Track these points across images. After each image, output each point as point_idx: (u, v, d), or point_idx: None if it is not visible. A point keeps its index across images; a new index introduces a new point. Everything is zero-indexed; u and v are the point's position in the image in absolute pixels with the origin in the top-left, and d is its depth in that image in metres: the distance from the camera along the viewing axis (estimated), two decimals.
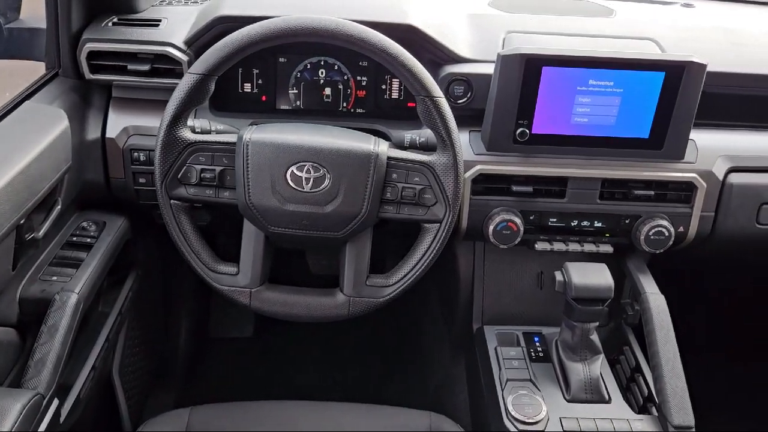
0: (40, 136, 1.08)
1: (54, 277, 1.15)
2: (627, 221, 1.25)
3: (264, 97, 1.32)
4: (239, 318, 2.04)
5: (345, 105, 1.32)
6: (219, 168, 1.07)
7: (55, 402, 1.04)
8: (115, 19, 1.28)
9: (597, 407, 1.16)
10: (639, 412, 1.19)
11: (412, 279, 1.11)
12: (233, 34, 1.02)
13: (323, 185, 1.05)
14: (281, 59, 1.30)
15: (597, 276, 1.16)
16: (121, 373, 1.45)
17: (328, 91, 1.31)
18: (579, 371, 1.19)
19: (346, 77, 1.31)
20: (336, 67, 1.30)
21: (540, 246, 1.28)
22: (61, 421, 1.06)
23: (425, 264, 1.10)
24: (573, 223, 1.26)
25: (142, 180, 1.26)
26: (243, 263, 1.11)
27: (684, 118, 1.18)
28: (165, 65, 1.22)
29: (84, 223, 1.29)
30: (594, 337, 1.20)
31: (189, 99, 1.03)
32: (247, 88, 1.31)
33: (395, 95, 1.32)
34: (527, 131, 1.19)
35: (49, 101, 1.19)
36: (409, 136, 1.21)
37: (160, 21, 1.28)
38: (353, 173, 1.04)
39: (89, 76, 1.24)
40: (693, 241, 1.28)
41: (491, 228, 1.22)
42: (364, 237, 1.10)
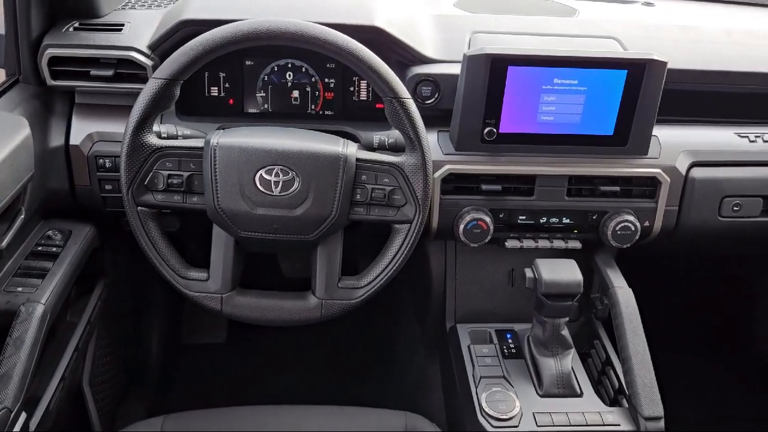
0: (0, 144, 1.06)
1: (19, 288, 1.13)
2: (594, 217, 1.27)
3: (231, 101, 1.31)
4: (212, 324, 2.02)
5: (313, 107, 1.32)
6: (186, 173, 1.06)
7: (23, 415, 1.02)
8: (77, 24, 1.26)
9: (569, 401, 1.18)
10: (610, 404, 1.21)
11: (384, 280, 1.11)
12: (198, 37, 1.01)
13: (293, 188, 1.04)
14: (248, 62, 1.29)
15: (566, 272, 1.18)
16: (92, 383, 1.42)
17: (296, 94, 1.31)
18: (551, 366, 1.21)
19: (313, 79, 1.30)
20: (303, 70, 1.30)
21: (510, 244, 1.29)
22: None
23: (397, 264, 1.11)
24: (542, 220, 1.28)
25: (108, 187, 1.24)
26: (213, 269, 1.10)
27: (647, 114, 1.20)
28: (129, 70, 1.21)
29: (49, 232, 1.26)
30: (565, 332, 1.22)
31: (154, 104, 1.01)
32: (214, 91, 1.30)
33: (363, 97, 1.32)
34: (495, 130, 1.21)
35: (10, 109, 1.17)
36: (378, 137, 1.21)
37: (123, 25, 1.26)
38: (322, 176, 1.04)
39: (51, 82, 1.22)
40: (658, 235, 1.30)
41: (462, 227, 1.23)
42: (335, 239, 1.10)
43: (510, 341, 1.32)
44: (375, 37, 1.21)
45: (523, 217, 1.27)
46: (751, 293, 1.95)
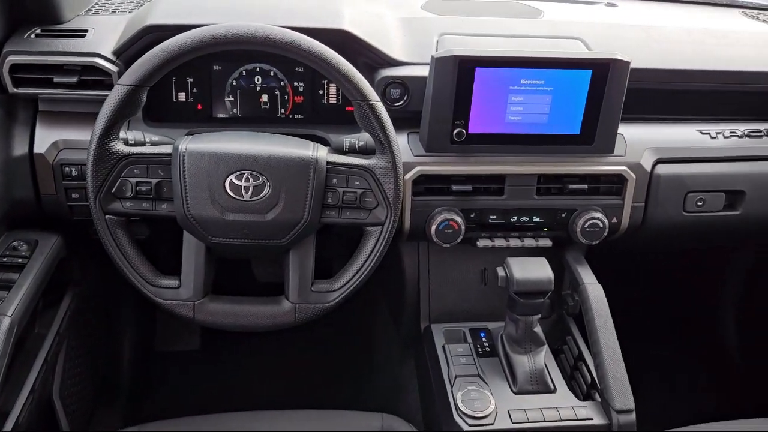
0: None
1: None
2: (563, 215, 1.29)
3: (200, 106, 1.30)
4: (185, 331, 2.00)
5: (283, 111, 1.32)
6: (155, 180, 1.05)
7: None
8: (39, 31, 1.23)
9: (543, 397, 1.19)
10: (584, 398, 1.23)
11: (357, 282, 1.11)
12: (164, 43, 1.00)
13: (263, 193, 1.04)
14: (215, 67, 1.28)
15: (537, 270, 1.19)
16: (62, 396, 1.40)
17: (265, 98, 1.30)
18: (524, 363, 1.22)
19: (282, 83, 1.30)
20: (272, 74, 1.29)
21: (482, 243, 1.31)
22: None
23: (370, 267, 1.11)
24: (512, 219, 1.29)
25: (74, 195, 1.22)
26: (185, 276, 1.09)
27: (612, 113, 1.23)
28: (93, 77, 1.19)
29: (14, 243, 1.23)
30: (537, 330, 1.23)
31: (120, 111, 1.00)
32: (182, 97, 1.29)
33: (333, 100, 1.32)
34: (464, 131, 1.22)
35: None
36: (348, 140, 1.22)
37: (86, 31, 1.24)
38: (293, 180, 1.04)
39: (12, 90, 1.19)
40: (626, 231, 1.33)
41: (433, 228, 1.24)
42: (307, 243, 1.10)
43: (484, 340, 1.34)
44: (343, 41, 1.21)
45: (494, 217, 1.28)
46: (717, 285, 2.00)
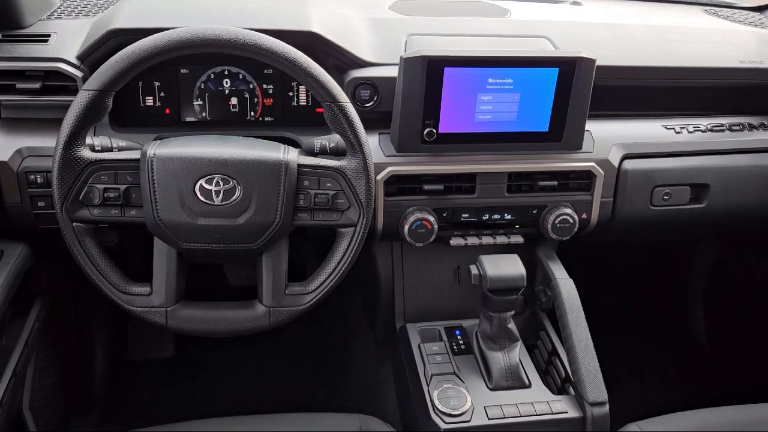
0: None
1: None
2: (534, 212, 1.31)
3: (168, 110, 1.28)
4: (159, 338, 1.97)
5: (253, 114, 1.31)
6: (123, 186, 1.03)
7: None
8: (0, 36, 1.21)
9: (518, 393, 1.21)
10: (558, 392, 1.25)
11: (331, 284, 1.11)
12: (129, 47, 0.99)
13: (234, 197, 1.03)
14: (183, 70, 1.27)
15: (509, 266, 1.21)
16: (33, 408, 1.37)
17: (234, 101, 1.30)
18: (499, 360, 1.24)
19: (251, 86, 1.29)
20: (241, 76, 1.29)
21: (455, 241, 1.32)
22: None
23: (343, 268, 1.11)
24: (484, 217, 1.30)
25: (40, 204, 1.19)
26: (156, 282, 1.08)
27: (579, 110, 1.24)
28: (57, 82, 1.17)
29: None
30: (511, 326, 1.25)
31: (85, 117, 0.98)
32: (149, 101, 1.27)
33: (303, 102, 1.32)
34: (434, 131, 1.22)
35: None
36: (319, 142, 1.21)
37: (49, 36, 1.22)
38: (264, 183, 1.03)
39: None
40: (596, 227, 1.35)
41: (406, 227, 1.24)
42: (280, 246, 1.09)
43: (459, 338, 1.34)
44: (311, 42, 1.21)
45: (466, 215, 1.29)
46: (684, 276, 2.04)
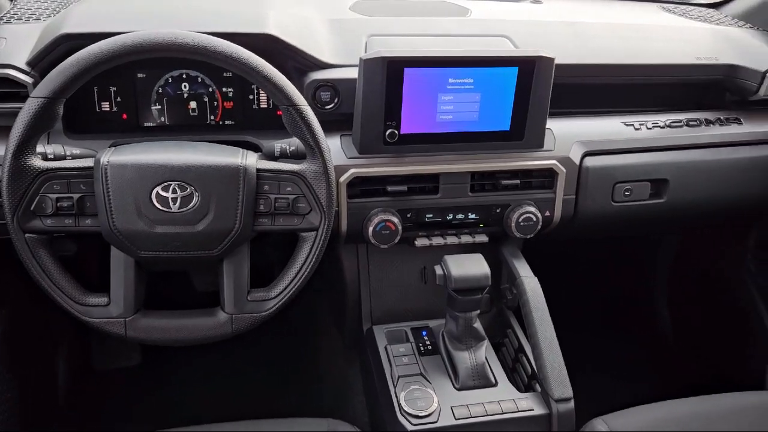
0: None
1: None
2: (498, 210, 1.31)
3: (125, 116, 1.26)
4: (124, 348, 1.94)
5: (213, 118, 1.29)
6: (77, 195, 1.01)
7: None
8: None
9: (485, 392, 1.21)
10: (525, 390, 1.26)
11: (294, 289, 1.10)
12: (79, 52, 0.96)
13: (192, 204, 1.01)
14: (140, 74, 1.24)
15: (474, 266, 1.21)
16: None
17: (193, 105, 1.28)
18: (465, 359, 1.24)
19: (210, 89, 1.27)
20: (199, 80, 1.27)
21: (419, 242, 1.31)
22: None
23: (306, 272, 1.10)
24: (449, 217, 1.30)
25: None
26: (114, 292, 1.06)
27: (539, 108, 1.25)
28: (7, 89, 1.13)
29: None
30: (477, 325, 1.25)
31: (34, 125, 0.96)
32: (105, 107, 1.24)
33: (264, 105, 1.30)
34: (396, 132, 1.22)
35: None
36: (279, 145, 1.20)
37: None
38: (222, 189, 1.02)
39: None
40: (559, 224, 1.36)
41: (371, 229, 1.24)
42: (240, 252, 1.08)
43: (426, 338, 1.34)
44: (269, 45, 1.19)
45: (431, 215, 1.29)
46: (648, 271, 2.07)
